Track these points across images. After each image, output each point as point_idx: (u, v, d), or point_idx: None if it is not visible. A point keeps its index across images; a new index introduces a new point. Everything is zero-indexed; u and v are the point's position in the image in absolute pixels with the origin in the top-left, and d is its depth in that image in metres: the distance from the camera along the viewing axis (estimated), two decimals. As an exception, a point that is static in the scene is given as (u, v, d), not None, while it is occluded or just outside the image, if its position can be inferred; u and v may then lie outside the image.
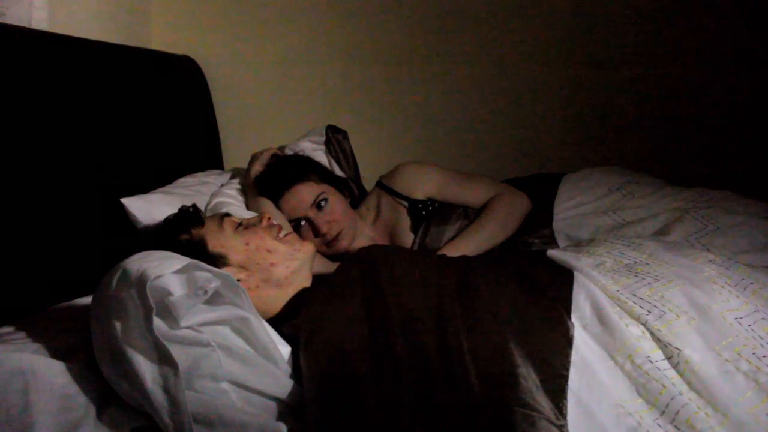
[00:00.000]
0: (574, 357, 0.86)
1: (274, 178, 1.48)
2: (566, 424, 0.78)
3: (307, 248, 1.15)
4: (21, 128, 1.19)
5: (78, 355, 0.85)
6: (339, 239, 1.43)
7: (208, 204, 1.48)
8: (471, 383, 0.79)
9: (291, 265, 1.10)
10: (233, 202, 1.49)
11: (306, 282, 1.13)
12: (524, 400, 0.78)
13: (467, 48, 1.99)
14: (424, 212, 1.49)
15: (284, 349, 0.89)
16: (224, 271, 1.02)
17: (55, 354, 0.85)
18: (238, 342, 0.82)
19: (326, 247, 1.43)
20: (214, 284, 0.80)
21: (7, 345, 0.86)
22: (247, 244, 1.08)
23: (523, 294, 0.97)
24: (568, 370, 0.84)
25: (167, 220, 1.16)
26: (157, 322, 0.74)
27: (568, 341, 0.87)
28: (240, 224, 1.12)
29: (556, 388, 0.82)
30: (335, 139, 1.75)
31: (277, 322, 1.01)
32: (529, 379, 0.81)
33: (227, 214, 1.16)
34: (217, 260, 1.05)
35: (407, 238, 1.49)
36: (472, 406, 0.77)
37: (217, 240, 1.08)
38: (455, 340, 0.85)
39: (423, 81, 2.04)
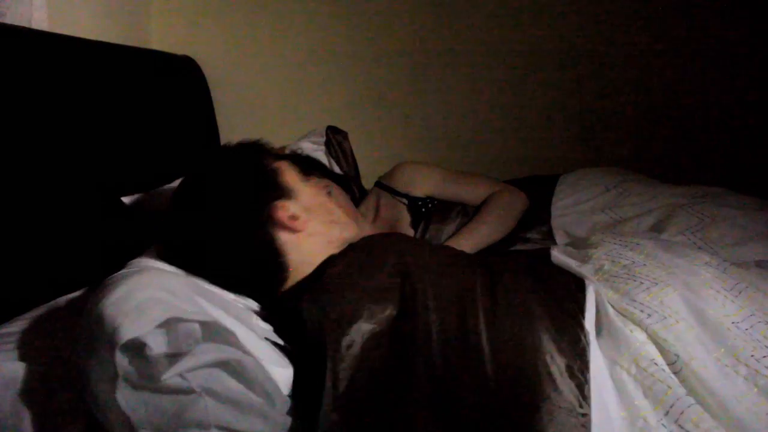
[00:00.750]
0: (593, 364, 0.86)
1: None
2: (590, 411, 0.78)
3: (356, 229, 1.15)
4: (21, 128, 1.19)
5: (74, 358, 0.84)
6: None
7: None
8: (489, 372, 0.80)
9: (345, 234, 1.10)
10: None
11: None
12: (546, 391, 0.78)
13: (467, 49, 1.99)
14: (423, 209, 1.49)
15: (284, 371, 0.84)
16: (288, 202, 1.02)
17: (49, 359, 0.84)
18: (230, 383, 0.75)
19: None
20: (195, 342, 0.73)
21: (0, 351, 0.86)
22: (315, 196, 1.10)
23: (541, 288, 0.97)
24: (588, 366, 0.84)
25: (243, 141, 1.16)
26: (134, 376, 0.69)
27: (587, 341, 0.88)
28: (308, 179, 1.13)
29: (581, 376, 0.82)
30: (335, 140, 1.76)
31: (297, 289, 0.98)
32: (554, 365, 0.81)
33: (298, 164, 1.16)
34: (286, 192, 1.05)
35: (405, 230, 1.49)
36: (491, 396, 0.78)
37: (290, 176, 1.08)
38: (477, 328, 0.85)
39: (423, 81, 2.03)
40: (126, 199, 1.36)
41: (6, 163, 1.14)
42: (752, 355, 0.84)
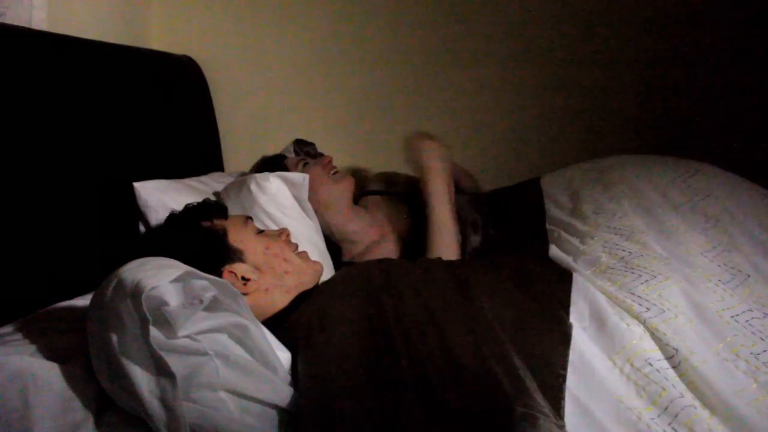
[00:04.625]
0: (572, 357, 0.85)
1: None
2: (565, 425, 0.78)
3: (319, 267, 1.18)
4: (21, 128, 1.18)
5: (78, 357, 0.84)
6: (341, 175, 1.58)
7: None
8: (471, 384, 0.79)
9: (302, 279, 1.13)
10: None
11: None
12: (525, 400, 0.77)
13: (467, 49, 1.99)
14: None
15: (282, 355, 0.88)
16: (236, 266, 1.06)
17: (55, 355, 0.84)
18: (236, 350, 0.81)
19: (332, 182, 1.55)
20: (211, 293, 0.79)
21: (6, 347, 0.86)
22: (266, 248, 1.11)
23: (521, 295, 0.97)
24: (566, 369, 0.84)
25: (189, 205, 1.18)
26: (154, 332, 0.73)
27: (566, 341, 0.87)
28: (262, 231, 1.16)
29: (555, 388, 0.81)
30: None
31: (272, 324, 1.01)
32: (527, 379, 0.81)
33: (250, 217, 1.19)
34: (234, 254, 1.07)
35: (405, 219, 1.58)
36: (473, 407, 0.77)
37: (238, 235, 1.10)
38: (454, 341, 0.85)
39: (423, 81, 2.03)
40: (137, 185, 1.39)
41: (5, 164, 1.14)
42: (751, 352, 0.84)
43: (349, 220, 1.54)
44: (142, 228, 1.44)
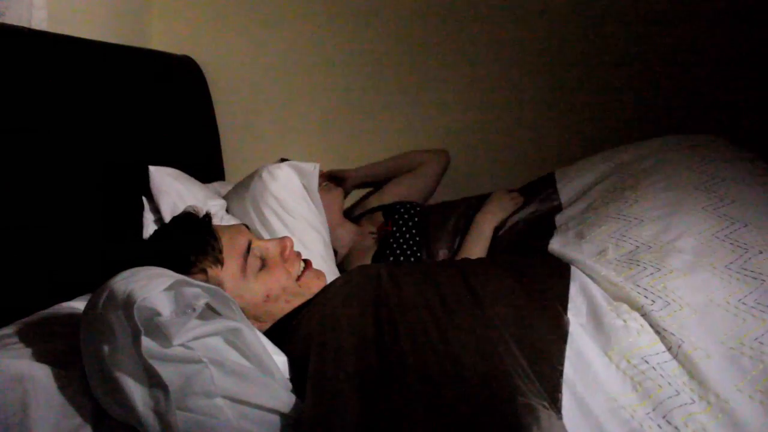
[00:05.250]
0: (570, 352, 0.86)
1: None
2: (562, 417, 0.78)
3: (321, 284, 1.10)
4: (21, 128, 1.18)
5: (77, 361, 0.84)
6: (330, 186, 1.70)
7: None
8: (472, 377, 0.80)
9: (297, 303, 1.06)
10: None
11: None
12: (525, 392, 0.78)
13: (468, 49, 1.99)
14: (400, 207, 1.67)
15: (279, 359, 0.88)
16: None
17: (55, 359, 0.84)
18: (231, 355, 0.80)
19: (322, 193, 1.60)
20: (203, 300, 0.78)
21: (6, 350, 0.86)
22: (267, 296, 1.02)
23: (520, 290, 0.98)
24: (563, 364, 0.84)
25: (176, 234, 1.03)
26: (146, 342, 0.72)
27: (563, 336, 0.88)
28: (262, 265, 1.04)
29: (552, 381, 0.82)
30: None
31: (267, 331, 1.01)
32: (527, 373, 0.81)
33: (251, 241, 1.04)
34: None
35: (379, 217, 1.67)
36: (474, 401, 0.77)
37: (237, 288, 0.99)
38: (456, 338, 0.86)
39: (424, 81, 2.03)
40: (153, 168, 1.41)
41: (5, 165, 1.14)
42: (756, 339, 0.84)
43: (337, 225, 1.64)
44: (148, 217, 1.44)
